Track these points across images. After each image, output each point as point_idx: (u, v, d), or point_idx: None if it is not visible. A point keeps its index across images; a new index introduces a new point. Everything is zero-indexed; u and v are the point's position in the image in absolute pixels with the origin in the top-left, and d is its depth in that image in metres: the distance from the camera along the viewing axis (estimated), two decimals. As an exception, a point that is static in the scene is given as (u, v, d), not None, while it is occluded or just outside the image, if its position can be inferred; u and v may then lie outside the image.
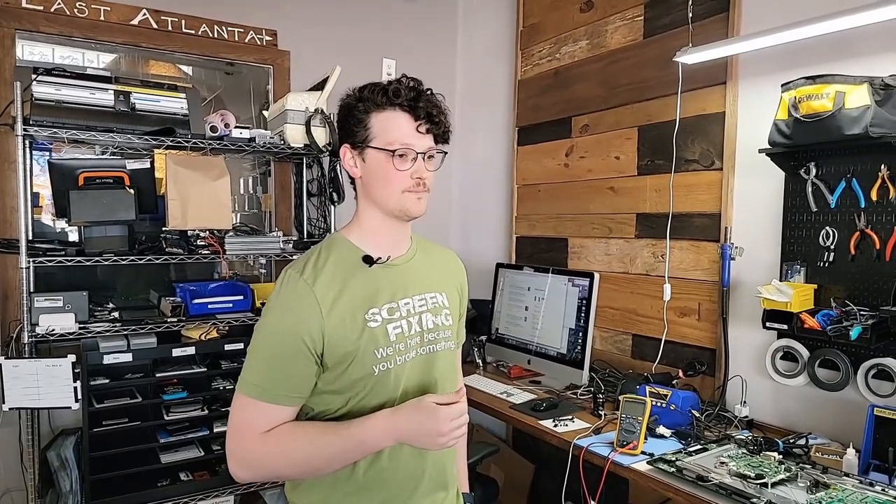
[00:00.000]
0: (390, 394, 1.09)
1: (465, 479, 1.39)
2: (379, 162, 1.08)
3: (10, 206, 2.22)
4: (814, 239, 1.73)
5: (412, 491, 1.13)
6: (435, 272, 1.22)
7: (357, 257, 1.11)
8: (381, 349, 1.08)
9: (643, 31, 2.26)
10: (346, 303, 1.06)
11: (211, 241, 2.21)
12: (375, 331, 1.07)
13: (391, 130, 1.07)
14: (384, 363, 1.08)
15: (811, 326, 1.62)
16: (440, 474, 1.18)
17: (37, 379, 1.90)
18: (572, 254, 2.57)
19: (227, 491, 2.19)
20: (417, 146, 1.08)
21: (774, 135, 1.67)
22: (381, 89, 1.07)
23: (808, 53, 1.75)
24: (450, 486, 1.22)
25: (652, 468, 1.52)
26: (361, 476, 1.08)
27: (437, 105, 1.09)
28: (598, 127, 2.45)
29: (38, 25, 2.28)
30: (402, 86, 1.07)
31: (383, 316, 1.09)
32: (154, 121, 2.09)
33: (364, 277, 1.10)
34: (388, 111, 1.07)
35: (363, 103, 1.08)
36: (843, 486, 1.38)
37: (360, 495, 1.10)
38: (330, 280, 1.07)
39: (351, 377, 1.06)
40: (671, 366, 2.12)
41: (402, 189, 1.08)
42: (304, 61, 2.76)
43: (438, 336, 1.17)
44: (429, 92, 1.09)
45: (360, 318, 1.07)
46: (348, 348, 1.05)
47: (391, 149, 1.06)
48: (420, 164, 1.08)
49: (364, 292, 1.09)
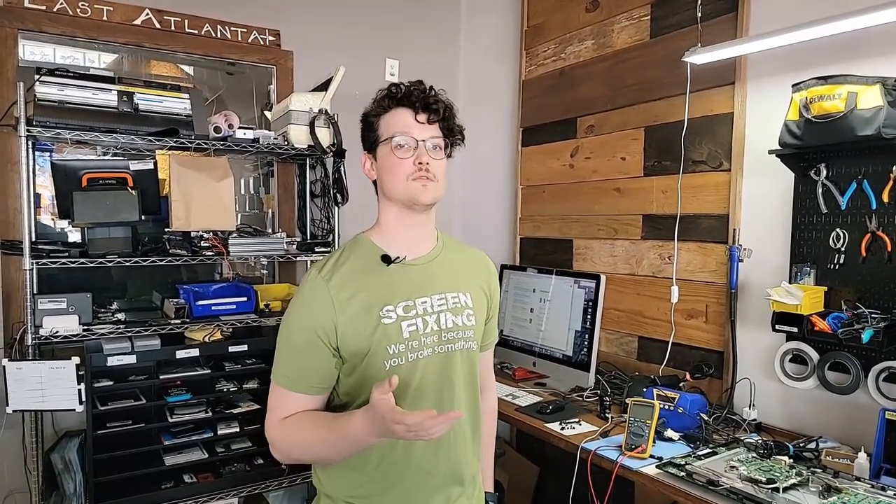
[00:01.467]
0: (401, 390, 1.10)
1: (489, 478, 1.40)
2: (385, 155, 1.15)
3: (14, 207, 2.20)
4: (824, 241, 1.71)
5: (425, 483, 1.15)
6: (461, 272, 1.24)
7: (376, 256, 1.15)
8: (394, 346, 1.11)
9: (650, 31, 2.24)
10: (361, 299, 1.10)
11: (214, 242, 2.19)
12: (389, 328, 1.11)
13: (392, 124, 1.15)
14: (395, 359, 1.11)
15: (821, 329, 1.60)
16: (454, 469, 1.18)
17: (40, 381, 1.89)
18: (577, 255, 2.55)
19: (232, 493, 2.17)
20: (417, 134, 1.13)
21: (785, 135, 1.65)
22: (385, 94, 1.16)
23: (818, 54, 1.73)
24: (466, 481, 1.22)
25: (661, 472, 1.51)
26: (374, 468, 1.12)
27: (436, 96, 1.16)
28: (603, 127, 2.44)
29: (41, 25, 2.26)
30: (405, 86, 1.15)
31: (398, 313, 1.12)
32: (157, 121, 2.08)
33: (382, 276, 1.14)
34: (391, 111, 1.15)
35: (374, 111, 1.17)
36: (854, 491, 1.37)
37: (375, 486, 1.13)
38: (347, 277, 1.12)
39: (363, 372, 1.10)
40: (678, 368, 2.10)
41: (406, 177, 1.12)
42: (307, 62, 2.75)
43: (458, 336, 1.18)
44: (430, 88, 1.16)
45: (375, 315, 1.10)
46: (361, 344, 1.09)
47: (390, 136, 1.13)
48: (422, 150, 1.13)
49: (380, 290, 1.12)
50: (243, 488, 2.19)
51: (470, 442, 1.22)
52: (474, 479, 1.25)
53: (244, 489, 2.20)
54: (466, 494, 1.22)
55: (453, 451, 1.17)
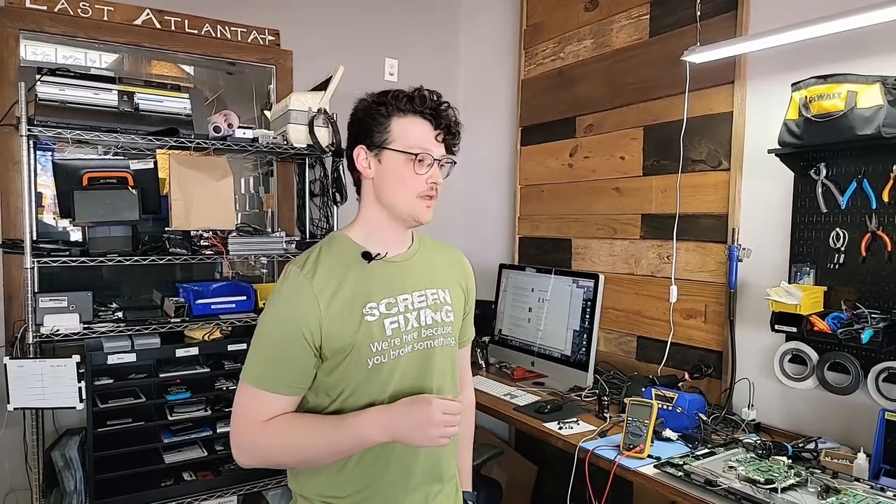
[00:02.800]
0: (380, 388, 1.11)
1: (466, 478, 1.38)
2: (397, 164, 1.11)
3: (15, 206, 2.21)
4: (824, 240, 1.71)
5: (405, 481, 1.15)
6: (438, 269, 1.24)
7: (356, 254, 1.14)
8: (377, 343, 1.10)
9: (649, 30, 2.24)
10: (343, 297, 1.09)
11: (214, 241, 2.20)
12: (372, 325, 1.10)
13: (413, 136, 1.11)
14: (378, 357, 1.10)
15: (821, 329, 1.60)
16: (433, 467, 1.18)
17: (41, 379, 1.90)
18: (576, 255, 2.55)
19: (231, 491, 2.18)
20: (435, 152, 1.12)
21: (784, 135, 1.65)
22: (405, 96, 1.11)
23: (818, 52, 1.72)
24: (445, 479, 1.22)
25: (659, 472, 1.51)
26: (353, 467, 1.11)
27: (455, 118, 1.15)
28: (602, 127, 2.43)
29: (42, 25, 2.27)
30: (427, 96, 1.12)
31: (381, 311, 1.12)
32: (157, 121, 2.09)
33: (362, 273, 1.13)
34: (409, 117, 1.11)
35: (385, 107, 1.11)
36: (853, 492, 1.36)
37: (355, 485, 1.12)
38: (328, 275, 1.10)
39: (345, 370, 1.09)
40: (677, 368, 2.10)
41: (416, 193, 1.12)
42: (307, 61, 2.75)
43: (437, 332, 1.18)
44: (447, 105, 1.14)
45: (358, 313, 1.09)
46: (345, 341, 1.08)
47: (413, 152, 1.10)
48: (436, 169, 1.13)
49: (362, 287, 1.11)
50: (242, 486, 2.20)
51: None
52: (453, 477, 1.25)
53: (243, 487, 2.21)
54: (445, 492, 1.22)
55: (433, 448, 1.15)
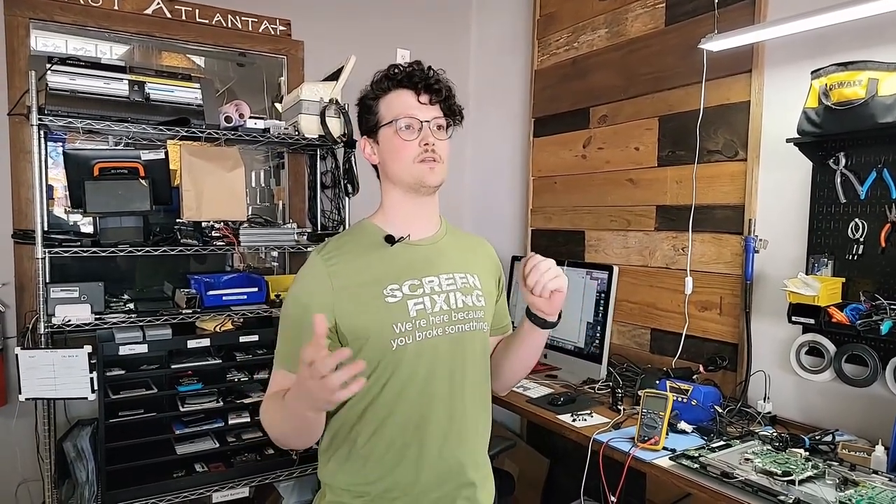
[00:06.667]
0: (409, 372, 1.09)
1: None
2: (389, 138, 1.14)
3: (26, 197, 2.22)
4: (842, 231, 1.68)
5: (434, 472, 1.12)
6: (467, 254, 1.24)
7: (379, 237, 1.15)
8: (400, 324, 1.09)
9: (665, 19, 2.21)
10: (362, 279, 1.10)
11: (226, 232, 2.19)
12: (393, 306, 1.09)
13: (395, 106, 1.13)
14: (402, 338, 1.09)
15: (839, 321, 1.57)
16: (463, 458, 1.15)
17: (53, 369, 1.90)
18: (589, 247, 2.53)
19: (243, 483, 2.18)
20: (421, 115, 1.12)
21: (803, 123, 1.62)
22: (384, 75, 1.15)
23: (837, 40, 1.69)
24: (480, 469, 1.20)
25: (674, 464, 1.49)
26: (381, 456, 1.10)
27: (437, 76, 1.14)
28: (616, 117, 2.41)
29: (53, 15, 2.27)
30: (401, 66, 1.14)
31: (404, 292, 1.11)
32: (168, 111, 2.08)
33: (385, 255, 1.13)
34: (391, 93, 1.14)
35: (372, 93, 1.16)
36: (872, 484, 1.34)
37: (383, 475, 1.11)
38: (348, 257, 1.12)
39: (370, 352, 1.08)
40: (691, 361, 2.08)
41: (412, 159, 1.12)
42: (318, 51, 2.74)
43: (469, 316, 1.16)
44: (428, 68, 1.14)
45: (378, 294, 1.09)
46: (362, 322, 1.08)
47: (396, 119, 1.12)
48: (426, 131, 1.12)
49: (384, 269, 1.12)
50: (254, 478, 2.20)
51: (481, 426, 1.21)
52: (485, 467, 1.23)
53: (255, 479, 2.21)
54: (477, 484, 1.20)
55: (463, 438, 1.15)
